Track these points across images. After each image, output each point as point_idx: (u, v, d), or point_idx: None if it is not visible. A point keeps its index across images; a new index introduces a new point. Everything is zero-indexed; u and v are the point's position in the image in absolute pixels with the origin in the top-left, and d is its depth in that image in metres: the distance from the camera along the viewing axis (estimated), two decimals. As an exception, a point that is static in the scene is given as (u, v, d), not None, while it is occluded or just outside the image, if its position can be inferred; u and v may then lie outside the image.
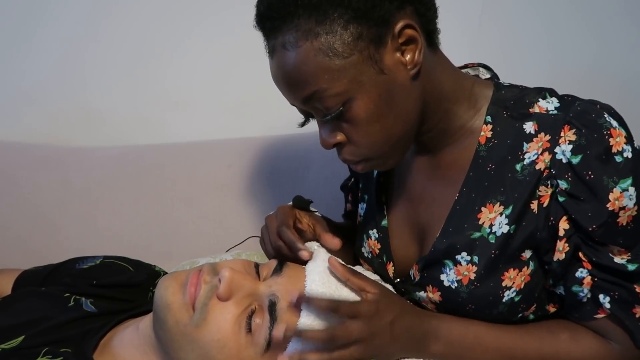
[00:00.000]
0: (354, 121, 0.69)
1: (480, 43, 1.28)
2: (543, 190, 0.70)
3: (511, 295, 0.73)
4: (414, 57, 0.68)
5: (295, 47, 0.66)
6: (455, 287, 0.74)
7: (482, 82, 0.78)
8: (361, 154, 0.72)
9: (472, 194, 0.74)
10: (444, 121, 0.76)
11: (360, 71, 0.66)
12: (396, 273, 0.85)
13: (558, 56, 1.39)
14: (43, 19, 1.31)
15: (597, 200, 0.67)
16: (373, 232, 0.88)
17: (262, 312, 0.69)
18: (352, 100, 0.67)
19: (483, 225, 0.73)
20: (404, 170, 0.85)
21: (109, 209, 1.27)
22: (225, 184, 1.28)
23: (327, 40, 0.65)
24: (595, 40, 1.38)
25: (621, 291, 0.70)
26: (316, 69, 0.66)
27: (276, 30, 0.68)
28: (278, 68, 0.69)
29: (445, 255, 0.75)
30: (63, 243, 1.24)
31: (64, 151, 1.32)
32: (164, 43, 1.34)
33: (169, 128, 1.40)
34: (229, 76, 1.36)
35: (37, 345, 0.73)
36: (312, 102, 0.69)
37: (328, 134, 0.72)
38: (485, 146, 0.74)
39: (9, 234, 1.24)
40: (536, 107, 0.73)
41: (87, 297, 0.83)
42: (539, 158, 0.70)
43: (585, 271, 0.71)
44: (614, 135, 0.67)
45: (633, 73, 1.42)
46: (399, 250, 0.85)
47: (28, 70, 1.36)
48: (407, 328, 0.73)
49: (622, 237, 0.69)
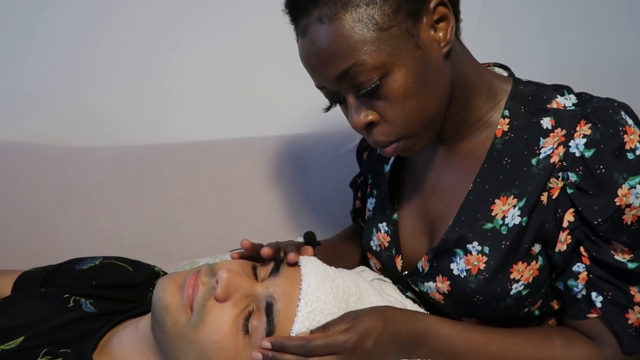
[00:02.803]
0: (390, 96, 0.68)
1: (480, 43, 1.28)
2: (554, 182, 0.71)
3: (519, 289, 0.74)
4: (446, 35, 0.69)
5: (333, 20, 0.66)
6: (464, 276, 0.75)
7: (501, 76, 0.79)
8: (395, 132, 0.71)
9: (487, 186, 0.75)
10: (465, 111, 0.76)
11: (398, 44, 0.66)
12: (404, 266, 0.85)
13: (558, 56, 1.39)
14: (43, 19, 1.31)
15: (605, 194, 0.68)
16: (383, 226, 0.88)
17: (260, 314, 0.69)
18: (390, 74, 0.67)
19: (496, 217, 0.74)
20: (418, 163, 0.86)
21: (109, 209, 1.27)
22: (225, 184, 1.27)
23: (367, 11, 0.65)
24: (594, 40, 1.38)
25: (615, 292, 0.70)
26: (356, 41, 0.66)
27: (311, 5, 0.67)
28: (313, 44, 0.68)
29: (457, 244, 0.76)
30: (63, 243, 1.24)
31: (64, 151, 1.32)
32: (163, 43, 1.34)
33: (169, 128, 1.40)
34: (229, 76, 1.36)
35: (36, 346, 0.73)
36: (348, 77, 0.68)
37: (360, 114, 0.71)
38: (502, 139, 0.75)
39: (9, 234, 1.24)
40: (554, 103, 0.74)
41: (86, 298, 0.83)
42: (554, 152, 0.71)
43: (582, 266, 0.71)
44: (629, 132, 0.68)
45: (632, 72, 1.42)
46: (408, 243, 0.85)
47: (28, 71, 1.36)
48: (394, 337, 0.70)
49: (626, 235, 0.69)
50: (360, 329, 0.68)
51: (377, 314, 0.71)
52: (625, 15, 1.37)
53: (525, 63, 1.38)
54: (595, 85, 1.39)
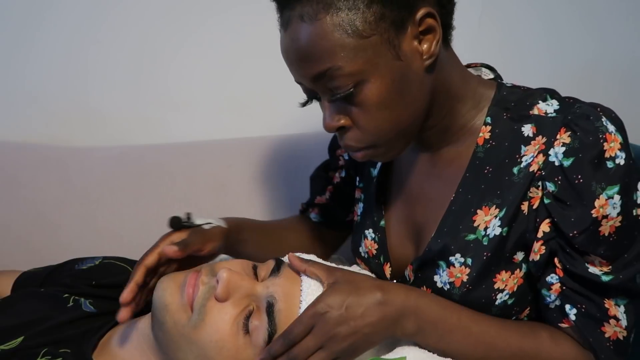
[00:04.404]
0: (364, 105, 0.67)
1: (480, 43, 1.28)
2: (534, 191, 0.70)
3: (504, 298, 0.72)
4: (430, 48, 0.67)
5: (313, 20, 0.64)
6: (447, 289, 0.73)
7: (485, 82, 0.78)
8: (365, 140, 0.70)
9: (468, 195, 0.74)
10: (448, 118, 0.75)
11: (377, 53, 0.65)
12: (393, 273, 0.84)
13: (558, 56, 1.39)
14: (44, 19, 1.31)
15: (582, 205, 0.66)
16: (369, 232, 0.87)
17: (260, 313, 0.69)
18: (365, 83, 0.66)
19: (478, 228, 0.72)
20: (403, 169, 0.85)
21: (109, 209, 1.26)
22: (225, 184, 1.27)
23: (348, 16, 0.63)
24: (595, 39, 1.38)
25: (589, 305, 0.69)
26: (333, 45, 0.64)
27: (295, 0, 0.66)
28: (292, 41, 0.67)
29: (439, 256, 0.74)
30: (63, 243, 1.24)
31: (64, 151, 1.32)
32: (164, 43, 1.34)
33: (169, 128, 1.40)
34: (229, 76, 1.36)
35: (36, 346, 0.73)
36: (323, 80, 0.67)
37: (333, 117, 0.70)
38: (483, 147, 0.74)
39: (9, 234, 1.24)
40: (536, 109, 0.72)
41: (86, 298, 0.83)
42: (534, 160, 0.69)
43: (556, 277, 0.70)
44: (609, 140, 0.66)
45: (633, 72, 1.42)
46: (396, 250, 0.84)
47: (28, 70, 1.35)
48: (372, 305, 0.67)
49: (603, 248, 0.67)
50: (325, 296, 0.67)
51: (345, 284, 0.69)
52: (625, 13, 1.37)
53: (525, 63, 1.38)
54: (596, 86, 1.39)
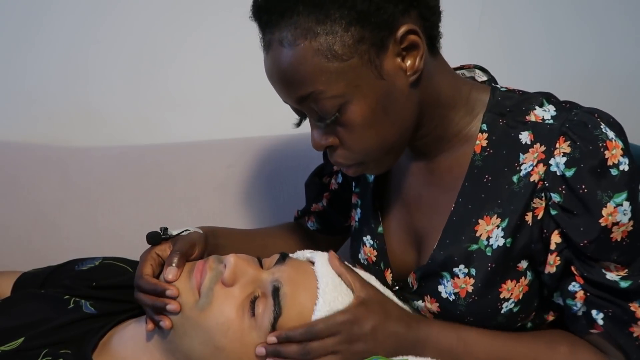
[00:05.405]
0: (349, 125, 0.67)
1: (480, 44, 1.28)
2: (537, 202, 0.69)
3: (510, 307, 0.72)
4: (414, 64, 0.67)
5: (292, 45, 0.64)
6: (452, 299, 0.73)
7: (479, 86, 0.76)
8: (353, 158, 0.71)
9: (469, 205, 0.73)
10: (440, 127, 0.74)
11: (358, 75, 0.65)
12: (394, 279, 0.84)
13: (558, 57, 1.39)
14: (44, 19, 1.31)
15: (589, 215, 0.66)
16: (368, 239, 0.86)
17: (265, 299, 0.70)
18: (348, 104, 0.66)
19: (480, 238, 0.72)
20: (400, 175, 0.84)
21: (109, 209, 1.26)
22: (225, 184, 1.27)
23: (327, 41, 0.63)
24: (595, 41, 1.38)
25: (615, 308, 0.68)
26: (313, 70, 0.64)
27: (273, 25, 0.65)
28: (273, 64, 0.67)
29: (443, 267, 0.74)
30: (63, 243, 1.24)
31: (64, 151, 1.32)
32: (164, 43, 1.34)
33: (169, 128, 1.40)
34: (229, 76, 1.36)
35: (37, 347, 0.73)
36: (307, 102, 0.67)
37: (320, 136, 0.71)
38: (481, 156, 0.73)
39: (9, 234, 1.24)
40: (532, 115, 0.71)
41: (86, 299, 0.84)
42: (534, 170, 0.69)
43: (577, 285, 0.69)
44: (610, 147, 0.65)
45: (634, 74, 1.42)
46: (397, 256, 0.84)
47: (28, 71, 1.35)
48: (393, 335, 0.71)
49: (616, 253, 0.67)
50: (359, 310, 0.70)
51: (382, 303, 0.73)
52: (625, 16, 1.37)
53: (525, 63, 1.38)
54: (596, 86, 1.40)
